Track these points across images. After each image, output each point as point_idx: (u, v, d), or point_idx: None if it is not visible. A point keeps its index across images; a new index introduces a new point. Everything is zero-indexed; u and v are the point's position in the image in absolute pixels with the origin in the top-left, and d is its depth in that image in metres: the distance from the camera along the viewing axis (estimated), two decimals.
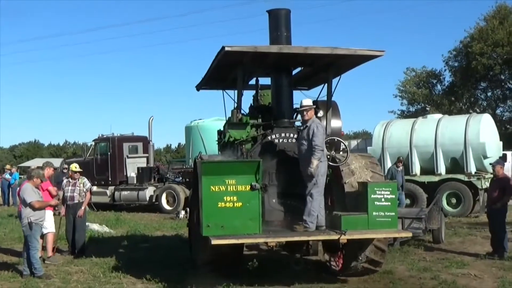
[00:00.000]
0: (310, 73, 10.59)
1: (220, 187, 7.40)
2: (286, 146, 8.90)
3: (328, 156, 8.45)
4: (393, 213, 7.97)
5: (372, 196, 7.85)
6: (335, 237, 7.66)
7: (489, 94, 43.12)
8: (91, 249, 12.44)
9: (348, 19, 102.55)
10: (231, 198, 7.39)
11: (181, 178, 23.53)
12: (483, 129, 18.94)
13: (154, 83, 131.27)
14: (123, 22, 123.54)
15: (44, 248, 11.10)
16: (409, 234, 8.77)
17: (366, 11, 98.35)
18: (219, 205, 7.38)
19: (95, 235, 15.02)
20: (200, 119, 24.18)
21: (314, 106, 8.54)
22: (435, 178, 18.68)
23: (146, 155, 25.03)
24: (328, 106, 9.48)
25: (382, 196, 7.87)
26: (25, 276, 9.65)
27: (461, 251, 11.74)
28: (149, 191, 22.91)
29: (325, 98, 9.72)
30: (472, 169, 18.68)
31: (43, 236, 10.64)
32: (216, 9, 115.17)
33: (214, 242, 7.18)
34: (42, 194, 10.39)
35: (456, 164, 19.09)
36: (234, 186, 7.42)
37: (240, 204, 7.41)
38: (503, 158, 21.94)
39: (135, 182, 23.88)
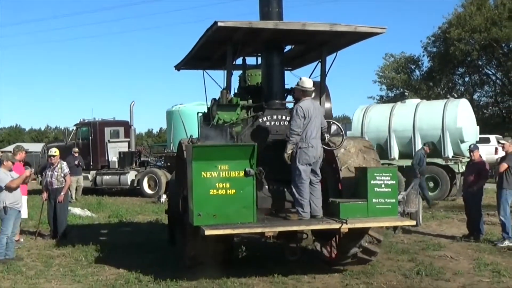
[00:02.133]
0: (300, 52, 10.03)
1: (212, 173, 6.88)
2: (278, 129, 8.38)
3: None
4: (394, 200, 7.59)
5: (372, 182, 7.42)
6: (336, 226, 7.17)
7: (466, 79, 43.47)
8: (73, 233, 12.43)
9: (325, 3, 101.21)
10: (224, 184, 6.88)
11: (162, 162, 23.51)
12: (461, 114, 19.09)
13: (135, 68, 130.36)
14: (102, 8, 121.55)
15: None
16: (413, 222, 8.24)
17: None
18: (211, 193, 6.85)
19: (77, 219, 14.97)
20: (182, 104, 24.05)
21: (313, 88, 8.02)
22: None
23: (128, 139, 24.99)
24: (322, 86, 9.01)
25: (382, 182, 7.46)
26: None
27: (438, 234, 11.88)
28: (130, 176, 22.87)
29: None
30: (450, 153, 18.88)
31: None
32: None
33: (208, 232, 6.67)
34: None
35: (433, 149, 19.16)
36: (227, 172, 6.92)
37: (233, 191, 6.92)
38: (487, 141, 22.08)
39: (116, 166, 23.88)
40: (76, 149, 21.68)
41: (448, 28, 39.62)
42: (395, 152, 19.74)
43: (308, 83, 7.84)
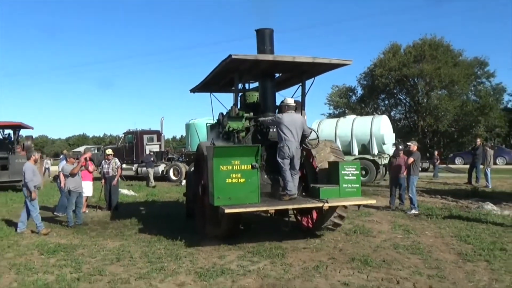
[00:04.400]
0: (285, 78, 9.43)
1: (228, 166, 6.60)
2: (272, 134, 7.97)
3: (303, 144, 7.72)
4: (358, 185, 7.29)
5: (343, 172, 7.18)
6: (320, 204, 6.90)
7: (386, 102, 43.69)
8: (122, 207, 12.35)
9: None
10: (236, 175, 6.64)
11: (182, 158, 23.41)
12: (382, 125, 19.26)
13: (166, 92, 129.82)
14: (145, 53, 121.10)
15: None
16: (373, 201, 7.62)
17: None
18: (227, 181, 6.59)
19: (124, 197, 14.87)
20: (195, 118, 24.01)
21: (294, 105, 7.70)
22: (351, 158, 18.83)
23: (159, 143, 24.84)
24: (302, 103, 8.57)
25: (350, 172, 7.23)
26: (69, 226, 9.56)
27: (367, 206, 11.93)
28: (161, 167, 22.62)
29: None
30: (375, 151, 18.98)
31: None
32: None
33: (227, 211, 6.38)
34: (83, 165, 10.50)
35: (365, 148, 19.34)
36: (238, 166, 6.65)
37: (243, 180, 6.66)
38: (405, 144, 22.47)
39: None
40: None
41: (374, 68, 39.94)
42: None
43: (290, 101, 7.61)
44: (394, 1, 78.60)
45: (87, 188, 11.17)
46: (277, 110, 8.25)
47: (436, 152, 23.63)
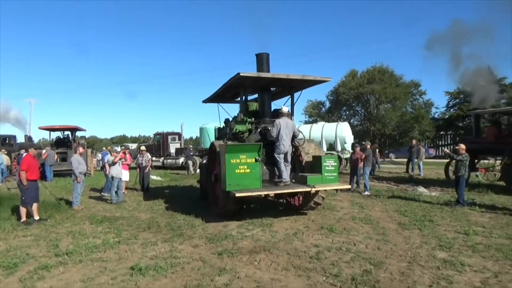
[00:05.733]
0: (278, 91, 8.99)
1: (236, 160, 6.38)
2: (269, 135, 7.44)
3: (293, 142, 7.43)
4: (336, 174, 7.05)
5: (324, 163, 6.98)
6: (309, 189, 6.68)
7: (347, 112, 43.59)
8: (152, 189, 12.24)
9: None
10: (243, 167, 6.41)
11: (197, 153, 23.30)
12: (344, 129, 19.28)
13: (185, 103, 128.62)
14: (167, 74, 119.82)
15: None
16: (349, 186, 7.41)
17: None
18: (236, 172, 6.36)
19: (154, 181, 14.78)
20: (206, 124, 23.87)
21: (288, 112, 7.46)
22: (322, 153, 18.91)
23: (180, 141, 24.67)
24: (292, 111, 8.18)
25: (329, 164, 7.02)
26: (112, 203, 9.46)
27: (333, 188, 11.92)
28: (181, 160, 22.50)
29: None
30: (339, 148, 18.96)
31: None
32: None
33: (238, 194, 6.13)
34: (122, 159, 10.42)
35: (331, 146, 19.27)
36: (245, 159, 6.43)
37: (248, 170, 6.43)
38: (361, 144, 22.37)
39: (174, 155, 23.51)
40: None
41: (338, 87, 39.95)
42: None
43: (285, 109, 7.42)
44: (354, 37, 78.88)
45: (125, 175, 11.07)
46: (273, 115, 7.99)
47: (377, 150, 23.70)
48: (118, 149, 17.78)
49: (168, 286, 4.07)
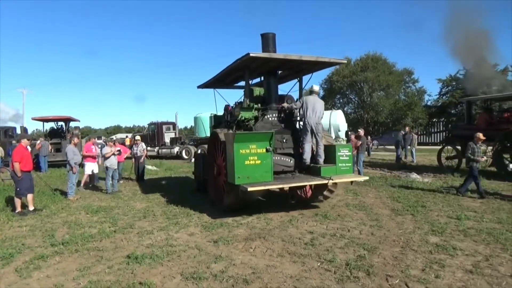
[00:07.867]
0: (284, 75, 8.16)
1: (246, 150, 5.77)
2: (277, 122, 6.99)
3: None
4: (350, 164, 6.56)
5: (338, 153, 6.49)
6: (326, 181, 6.11)
7: (341, 100, 43.58)
8: (148, 178, 12.23)
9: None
10: (253, 158, 5.80)
11: (192, 142, 23.21)
12: (338, 117, 19.38)
13: (180, 92, 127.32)
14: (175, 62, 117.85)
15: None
16: (366, 178, 6.85)
17: None
18: (246, 163, 5.76)
19: (149, 171, 14.72)
20: (201, 113, 23.74)
21: (318, 91, 6.84)
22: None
23: (174, 131, 24.52)
24: (300, 95, 7.51)
25: (344, 153, 6.54)
26: (107, 193, 9.38)
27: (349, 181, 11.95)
28: (176, 149, 22.39)
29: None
30: (333, 136, 19.05)
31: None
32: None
33: (250, 189, 5.50)
34: (121, 149, 10.30)
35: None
36: (255, 149, 5.80)
37: (259, 161, 5.82)
38: (356, 131, 22.55)
39: (169, 144, 23.34)
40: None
41: (332, 76, 39.82)
42: None
43: (315, 88, 6.94)
44: (348, 23, 78.26)
45: (95, 167, 10.33)
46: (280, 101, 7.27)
47: (369, 137, 23.79)
48: (100, 141, 17.64)
49: (165, 274, 4.06)
